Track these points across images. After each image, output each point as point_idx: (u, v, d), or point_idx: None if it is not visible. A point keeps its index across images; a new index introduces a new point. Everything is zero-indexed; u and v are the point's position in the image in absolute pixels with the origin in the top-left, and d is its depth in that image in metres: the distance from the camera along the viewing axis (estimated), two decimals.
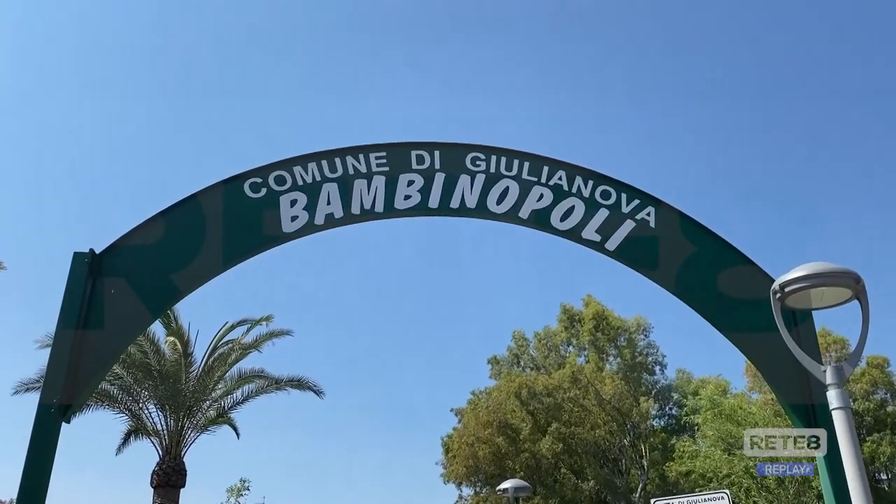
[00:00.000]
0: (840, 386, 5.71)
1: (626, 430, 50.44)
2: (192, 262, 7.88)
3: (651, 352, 53.61)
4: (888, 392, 49.52)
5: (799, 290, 5.90)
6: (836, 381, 5.73)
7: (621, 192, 8.33)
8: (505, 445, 47.45)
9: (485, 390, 55.25)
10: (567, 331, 56.76)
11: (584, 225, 8.25)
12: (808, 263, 5.67)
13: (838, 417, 5.68)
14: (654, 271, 8.25)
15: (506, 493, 14.30)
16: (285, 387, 21.54)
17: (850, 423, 5.60)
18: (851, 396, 46.24)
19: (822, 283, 5.85)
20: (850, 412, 5.64)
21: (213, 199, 8.23)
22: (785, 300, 5.98)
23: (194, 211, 8.18)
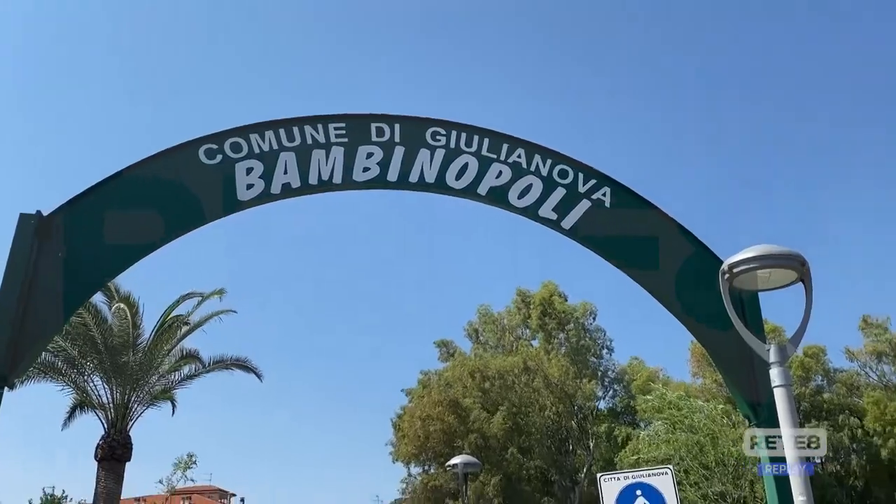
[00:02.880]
0: (783, 364, 5.87)
1: (572, 412, 51.34)
2: (142, 229, 7.70)
3: (598, 336, 54.63)
4: (824, 379, 51.41)
5: (746, 272, 6.02)
6: (779, 360, 5.90)
7: (578, 172, 8.41)
8: (455, 425, 47.85)
9: (435, 371, 55.57)
10: (521, 313, 57.39)
11: (542, 203, 8.31)
12: (756, 246, 5.78)
13: (779, 395, 5.86)
14: (607, 251, 8.37)
15: (455, 469, 14.37)
16: (230, 367, 21.31)
17: (791, 400, 5.77)
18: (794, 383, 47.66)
19: (769, 265, 5.98)
20: (791, 390, 5.81)
21: (166, 164, 8.03)
22: (733, 281, 6.10)
23: (146, 176, 7.98)
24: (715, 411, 21.44)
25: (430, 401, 48.82)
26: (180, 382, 21.34)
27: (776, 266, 6.02)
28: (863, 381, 50.90)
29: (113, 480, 19.80)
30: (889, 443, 44.40)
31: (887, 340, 49.01)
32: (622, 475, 8.64)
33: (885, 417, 44.58)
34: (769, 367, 5.64)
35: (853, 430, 46.84)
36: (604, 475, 8.68)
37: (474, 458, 14.36)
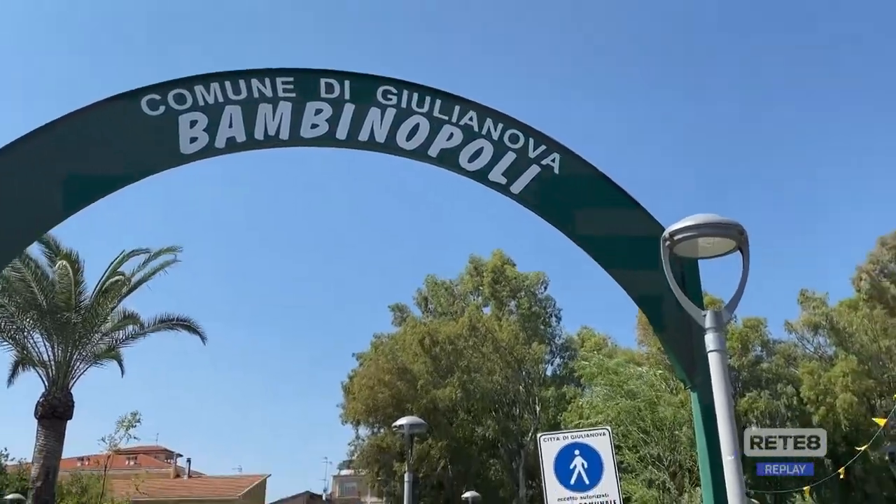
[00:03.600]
0: (718, 330, 5.99)
1: (520, 377, 52.18)
2: (81, 178, 7.46)
3: (548, 304, 55.50)
4: (763, 350, 53.25)
5: (687, 239, 6.10)
6: (715, 326, 6.02)
7: (529, 137, 8.41)
8: (404, 390, 48.22)
9: (388, 335, 55.77)
10: (472, 280, 57.77)
11: (492, 167, 8.31)
12: (697, 214, 5.87)
13: (713, 359, 5.99)
14: (555, 217, 8.44)
15: (401, 430, 14.47)
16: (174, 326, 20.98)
17: (725, 364, 5.90)
18: (732, 353, 49.41)
19: (709, 233, 6.07)
20: (725, 355, 5.95)
21: (106, 113, 7.76)
22: (673, 248, 6.18)
23: (86, 125, 7.70)
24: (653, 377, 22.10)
25: (379, 367, 49.05)
26: (124, 341, 20.98)
27: (715, 234, 6.12)
28: (800, 353, 52.86)
29: (54, 439, 19.48)
30: (821, 411, 46.32)
31: (824, 314, 50.84)
32: (561, 435, 8.82)
33: (818, 387, 46.43)
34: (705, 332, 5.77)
35: (789, 399, 48.73)
36: (544, 435, 8.83)
37: (420, 420, 14.47)
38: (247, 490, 42.02)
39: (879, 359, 47.58)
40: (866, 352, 48.53)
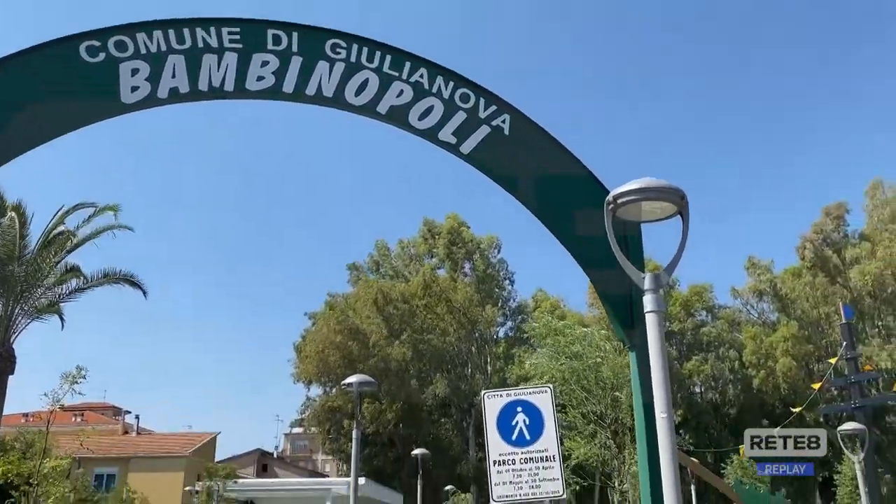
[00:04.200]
0: (656, 292, 6.10)
1: (473, 338, 52.78)
2: (15, 127, 7.20)
3: (501, 267, 56.08)
4: (709, 315, 54.76)
5: (630, 203, 6.19)
6: (653, 287, 6.12)
7: (480, 97, 8.36)
8: (356, 350, 48.37)
9: (342, 295, 55.69)
10: (426, 243, 57.89)
11: (442, 126, 8.25)
12: (640, 178, 5.94)
13: (651, 319, 6.10)
14: (503, 178, 8.47)
15: (350, 388, 14.55)
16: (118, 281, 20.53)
17: (661, 325, 6.02)
18: (675, 318, 50.58)
19: (651, 197, 6.15)
20: (663, 315, 6.07)
21: (42, 60, 7.47)
22: (617, 211, 6.27)
23: (21, 72, 7.41)
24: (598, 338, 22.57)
25: (331, 328, 49.04)
26: (67, 296, 20.47)
27: (657, 199, 6.21)
28: (744, 318, 54.52)
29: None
30: (761, 374, 48.01)
31: (768, 281, 52.37)
32: (504, 393, 8.96)
33: (760, 351, 48.06)
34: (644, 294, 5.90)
35: (732, 363, 50.38)
36: (487, 392, 8.98)
37: (369, 378, 14.55)
38: (196, 447, 41.78)
39: (819, 325, 49.36)
40: (807, 318, 50.25)
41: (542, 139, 8.37)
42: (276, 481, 40.45)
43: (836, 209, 50.68)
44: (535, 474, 8.45)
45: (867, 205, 49.80)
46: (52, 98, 7.38)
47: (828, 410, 33.36)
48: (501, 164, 8.39)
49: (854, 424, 17.94)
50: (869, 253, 47.10)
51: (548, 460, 8.49)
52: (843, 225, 50.47)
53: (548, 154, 8.39)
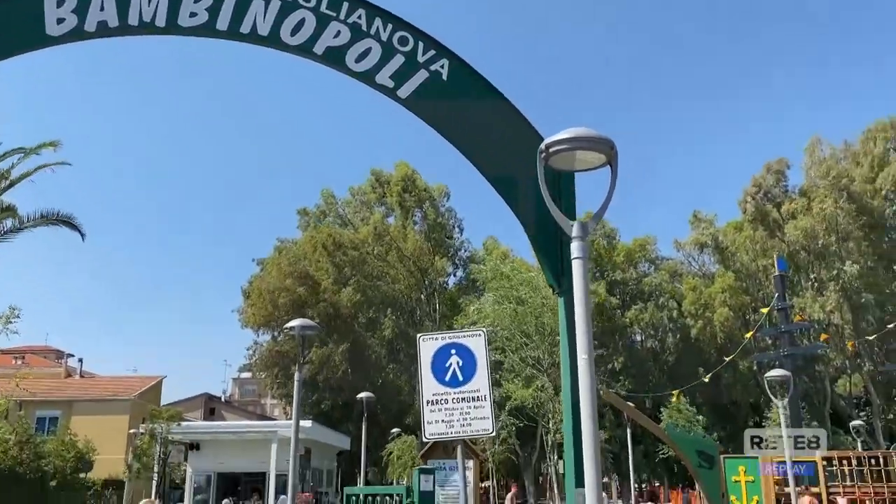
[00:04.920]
0: (583, 240, 6.26)
1: (423, 286, 53.14)
2: None
3: (450, 216, 56.31)
4: (651, 266, 56.14)
5: (562, 152, 6.31)
6: (580, 235, 6.28)
7: (418, 41, 8.31)
8: (305, 295, 48.31)
9: (291, 240, 55.31)
10: (375, 192, 57.61)
11: (379, 69, 8.20)
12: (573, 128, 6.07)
13: (576, 266, 6.28)
14: (441, 123, 8.49)
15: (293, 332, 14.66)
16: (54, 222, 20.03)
17: (586, 271, 6.21)
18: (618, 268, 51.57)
19: (582, 147, 6.28)
20: (587, 262, 6.27)
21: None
22: (549, 160, 6.40)
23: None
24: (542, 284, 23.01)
25: (281, 271, 48.79)
26: (2, 236, 19.92)
27: (588, 148, 6.36)
28: (685, 270, 56.07)
29: None
30: (699, 323, 49.63)
31: (710, 234, 53.76)
32: (439, 336, 9.17)
33: (699, 302, 49.57)
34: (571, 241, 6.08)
35: (671, 312, 51.93)
36: (423, 335, 9.17)
37: (312, 322, 14.66)
38: (142, 391, 41.58)
39: (757, 277, 50.99)
40: (746, 270, 51.87)
41: (479, 85, 8.40)
42: (222, 424, 40.63)
43: (778, 164, 51.94)
44: (466, 413, 8.73)
45: (805, 162, 51.16)
46: None
47: (758, 358, 34.80)
48: (439, 110, 8.41)
49: (780, 371, 18.74)
50: (804, 208, 48.60)
51: (479, 400, 8.78)
52: (783, 180, 51.84)
53: (485, 101, 8.43)
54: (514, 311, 21.21)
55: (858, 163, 50.13)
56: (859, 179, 48.66)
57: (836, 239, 47.08)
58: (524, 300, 20.87)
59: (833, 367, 50.55)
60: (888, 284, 46.08)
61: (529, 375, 21.41)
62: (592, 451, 4.48)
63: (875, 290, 47.56)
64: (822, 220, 46.56)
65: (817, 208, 46.87)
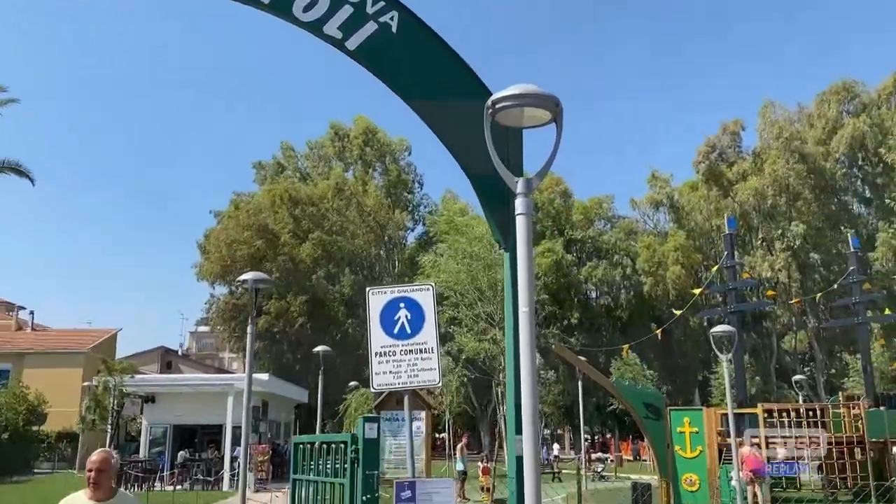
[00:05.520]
0: (527, 196, 6.36)
1: (382, 242, 53.16)
2: None
3: (411, 170, 56.07)
4: (607, 224, 56.91)
5: (508, 108, 6.35)
6: (525, 191, 6.38)
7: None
8: (263, 249, 47.98)
9: (248, 194, 54.65)
10: (334, 145, 57.03)
11: (327, 20, 8.08)
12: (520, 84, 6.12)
13: (520, 221, 6.40)
14: (390, 77, 8.45)
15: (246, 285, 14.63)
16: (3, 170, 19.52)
17: (529, 227, 6.33)
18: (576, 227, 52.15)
19: (528, 104, 6.32)
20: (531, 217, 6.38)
21: None
22: (496, 116, 6.45)
23: None
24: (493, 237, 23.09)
25: (239, 224, 48.28)
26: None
27: (534, 105, 6.39)
28: (640, 228, 57.00)
29: None
30: (651, 281, 50.70)
31: (666, 193, 54.60)
32: (388, 290, 9.31)
33: (653, 259, 50.57)
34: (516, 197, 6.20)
35: (626, 270, 52.89)
36: (372, 289, 9.30)
37: (265, 275, 14.65)
38: (96, 344, 41.09)
39: (710, 236, 52.10)
40: (700, 229, 52.95)
41: (429, 40, 8.36)
42: (178, 377, 40.47)
43: (733, 125, 52.75)
44: (413, 365, 8.94)
45: (759, 124, 52.04)
46: None
47: (706, 314, 35.78)
48: (388, 63, 8.37)
49: (725, 327, 19.29)
50: (756, 168, 49.60)
51: (426, 352, 8.98)
52: (738, 141, 52.73)
53: (434, 55, 8.41)
54: (469, 266, 21.38)
55: (812, 125, 51.15)
56: (812, 142, 49.71)
57: (786, 200, 48.25)
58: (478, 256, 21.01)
59: (780, 324, 52.28)
60: (835, 245, 47.49)
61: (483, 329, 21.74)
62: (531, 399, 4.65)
63: (822, 250, 49.05)
64: (772, 182, 47.61)
65: (769, 169, 47.86)
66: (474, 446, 45.47)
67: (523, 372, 6.04)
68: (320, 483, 5.87)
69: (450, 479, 8.09)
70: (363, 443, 5.54)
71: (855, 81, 50.95)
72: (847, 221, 49.51)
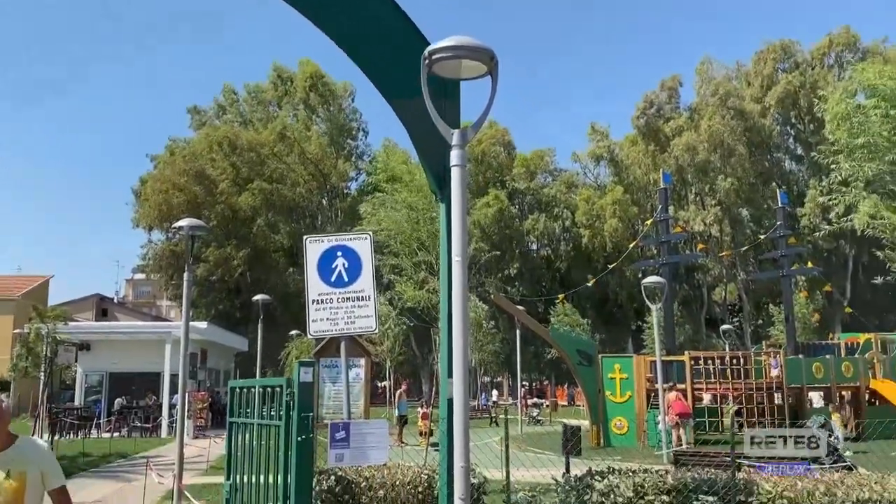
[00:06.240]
0: (461, 148, 6.49)
1: (324, 190, 52.63)
2: None
3: (355, 117, 55.21)
4: (549, 177, 57.56)
5: (444, 60, 6.41)
6: (459, 143, 6.51)
7: None
8: (202, 195, 47.03)
9: (185, 139, 53.17)
10: (276, 89, 55.69)
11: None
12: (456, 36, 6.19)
13: (455, 173, 6.54)
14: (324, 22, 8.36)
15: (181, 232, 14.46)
16: None
17: (464, 179, 6.47)
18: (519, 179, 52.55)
19: (463, 56, 6.40)
20: (466, 169, 6.51)
21: None
22: (432, 67, 6.50)
23: None
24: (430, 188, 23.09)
25: (175, 170, 47.07)
26: None
27: (469, 58, 6.47)
28: (581, 181, 57.84)
29: None
30: (589, 234, 51.73)
31: (606, 147, 55.37)
32: (326, 238, 9.39)
33: (592, 212, 51.50)
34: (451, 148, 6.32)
35: (565, 222, 53.80)
36: (310, 237, 9.36)
37: (201, 222, 14.48)
38: (27, 290, 39.96)
39: (647, 190, 53.27)
40: (638, 183, 54.04)
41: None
42: (114, 324, 39.78)
43: (671, 81, 53.54)
44: (350, 312, 9.11)
45: (696, 80, 52.95)
46: None
47: (639, 265, 36.83)
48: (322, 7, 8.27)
49: (655, 278, 20.02)
50: (692, 125, 50.66)
51: (363, 300, 9.15)
52: (675, 97, 53.62)
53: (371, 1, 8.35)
54: (409, 216, 21.45)
55: (749, 83, 52.32)
56: (749, 99, 50.91)
57: (720, 155, 49.50)
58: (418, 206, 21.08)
59: (711, 277, 54.16)
60: (766, 200, 49.13)
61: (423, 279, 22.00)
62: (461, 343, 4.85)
63: (753, 204, 50.72)
64: (708, 137, 48.72)
65: (705, 125, 48.93)
66: (415, 393, 46.31)
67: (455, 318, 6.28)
68: (256, 425, 6.03)
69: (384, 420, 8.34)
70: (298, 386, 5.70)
71: (792, 41, 52.16)
72: (779, 178, 51.22)
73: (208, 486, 13.03)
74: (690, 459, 9.15)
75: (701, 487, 6.04)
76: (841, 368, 23.01)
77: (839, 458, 11.50)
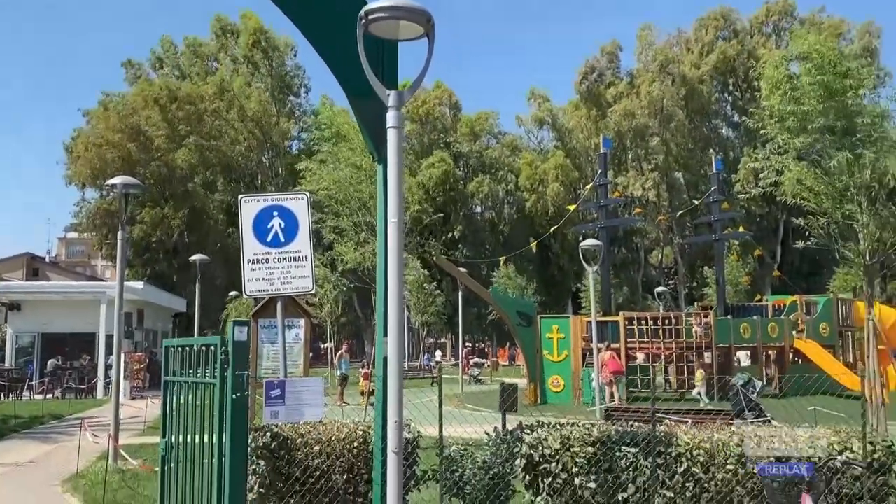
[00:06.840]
0: (398, 109, 6.50)
1: (265, 148, 51.68)
2: None
3: (298, 73, 54.07)
4: (492, 139, 57.75)
5: (380, 20, 6.38)
6: (396, 105, 6.51)
7: None
8: (136, 152, 45.65)
9: (119, 94, 51.26)
10: (218, 41, 54.09)
11: None
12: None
13: (392, 135, 6.55)
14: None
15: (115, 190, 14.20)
16: None
17: (401, 141, 6.50)
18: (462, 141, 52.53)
19: (400, 17, 6.37)
20: (402, 132, 6.55)
21: None
22: (369, 27, 6.45)
23: None
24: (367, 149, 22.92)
25: (109, 126, 45.46)
26: None
27: (405, 18, 6.44)
28: (524, 145, 58.22)
29: None
30: (532, 197, 52.30)
31: (549, 110, 55.73)
32: (262, 198, 9.31)
33: (535, 176, 52.03)
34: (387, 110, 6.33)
35: (508, 185, 54.22)
36: (244, 197, 9.27)
37: (135, 180, 14.19)
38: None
39: (588, 154, 53.99)
40: (581, 147, 54.69)
41: None
42: (47, 284, 38.70)
43: (611, 47, 53.99)
44: (286, 272, 9.09)
45: (637, 46, 53.53)
46: None
47: (578, 229, 37.46)
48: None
49: (592, 241, 20.50)
50: (632, 90, 51.35)
51: (300, 260, 9.14)
52: (616, 63, 54.13)
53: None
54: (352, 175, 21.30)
55: (690, 50, 53.16)
56: (689, 66, 51.77)
57: (658, 121, 50.41)
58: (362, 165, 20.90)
59: (648, 240, 55.54)
60: (702, 166, 50.39)
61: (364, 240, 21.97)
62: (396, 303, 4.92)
63: (690, 170, 51.97)
64: (648, 104, 49.51)
65: (644, 91, 49.64)
66: (358, 354, 46.50)
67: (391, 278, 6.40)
68: (191, 384, 6.05)
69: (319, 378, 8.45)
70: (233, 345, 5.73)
71: (731, 9, 53.08)
72: (717, 144, 52.47)
73: (145, 445, 12.99)
74: (622, 416, 9.53)
75: (623, 439, 6.34)
76: (767, 329, 24.04)
77: (761, 413, 12.11)
